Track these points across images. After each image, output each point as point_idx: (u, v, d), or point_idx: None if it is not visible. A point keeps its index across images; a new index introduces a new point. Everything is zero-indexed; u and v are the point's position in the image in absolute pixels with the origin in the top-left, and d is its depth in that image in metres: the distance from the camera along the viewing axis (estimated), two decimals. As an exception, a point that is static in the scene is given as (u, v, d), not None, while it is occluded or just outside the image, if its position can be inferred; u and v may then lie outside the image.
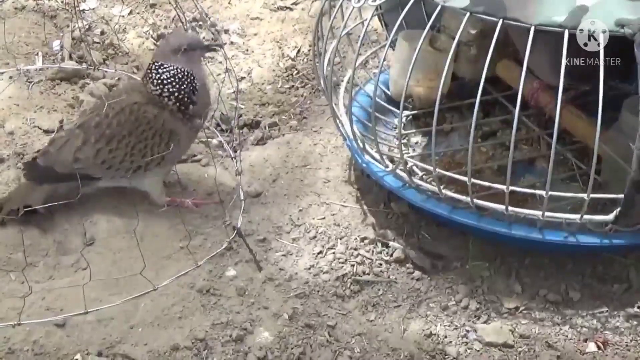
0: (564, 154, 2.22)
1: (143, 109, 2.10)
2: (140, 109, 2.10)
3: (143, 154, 2.09)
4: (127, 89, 2.22)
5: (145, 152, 2.10)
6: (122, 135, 2.09)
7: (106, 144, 2.09)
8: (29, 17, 2.96)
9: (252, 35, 2.98)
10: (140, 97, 2.13)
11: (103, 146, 2.09)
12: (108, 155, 2.09)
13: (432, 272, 2.07)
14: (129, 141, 2.09)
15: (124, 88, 2.25)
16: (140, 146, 2.09)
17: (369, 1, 1.96)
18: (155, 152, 2.10)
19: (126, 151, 2.09)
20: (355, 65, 2.06)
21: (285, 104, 2.69)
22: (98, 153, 2.09)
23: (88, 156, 2.09)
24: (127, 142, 2.09)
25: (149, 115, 2.10)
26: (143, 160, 2.10)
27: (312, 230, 2.14)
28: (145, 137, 2.10)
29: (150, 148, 2.10)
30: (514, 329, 1.94)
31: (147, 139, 2.10)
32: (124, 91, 2.19)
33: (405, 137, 2.35)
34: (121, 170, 2.11)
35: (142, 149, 2.09)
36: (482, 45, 2.19)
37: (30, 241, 2.08)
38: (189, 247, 2.04)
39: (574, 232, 1.94)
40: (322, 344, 1.88)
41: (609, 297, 2.02)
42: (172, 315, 1.91)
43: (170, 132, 2.11)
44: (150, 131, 2.10)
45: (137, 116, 2.10)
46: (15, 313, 1.88)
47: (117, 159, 2.10)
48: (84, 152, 2.09)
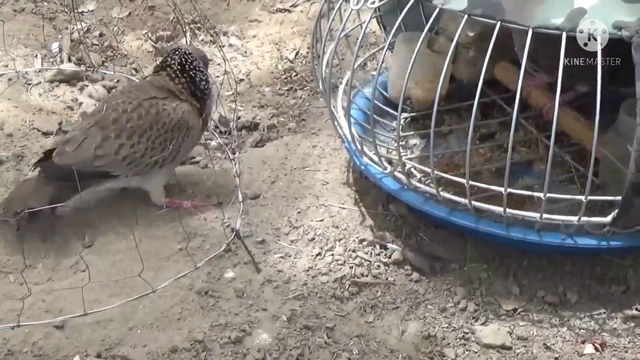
0: (561, 156, 2.22)
1: (162, 103, 2.13)
2: (159, 102, 2.13)
3: (162, 148, 2.11)
4: (138, 87, 2.23)
5: (165, 146, 2.11)
6: (144, 129, 2.10)
7: (127, 138, 2.09)
8: (28, 19, 2.97)
9: (250, 38, 2.99)
10: (157, 92, 2.15)
11: (125, 141, 2.09)
12: (130, 150, 2.09)
13: (430, 274, 2.08)
14: (150, 135, 2.10)
15: (136, 85, 2.26)
16: (160, 139, 2.11)
17: (368, 3, 1.96)
18: (175, 145, 2.12)
19: (147, 145, 2.10)
20: (354, 67, 2.07)
21: (284, 106, 2.69)
22: (120, 148, 2.09)
23: (109, 152, 2.09)
24: (149, 136, 2.10)
25: (168, 108, 2.12)
26: (162, 154, 2.11)
27: (310, 232, 2.14)
28: (165, 130, 2.12)
29: (169, 141, 2.11)
30: (512, 331, 1.95)
31: (167, 132, 2.12)
32: (136, 88, 2.21)
33: (404, 139, 2.35)
34: (140, 166, 2.11)
35: (162, 142, 2.11)
36: (481, 48, 2.19)
37: (30, 243, 2.08)
38: (187, 249, 2.04)
39: (572, 234, 1.95)
40: (320, 346, 1.88)
41: (606, 298, 2.03)
42: (171, 316, 1.92)
43: (188, 125, 2.14)
44: (170, 124, 2.12)
45: (157, 109, 2.12)
46: (15, 315, 1.88)
47: (138, 154, 2.10)
48: (105, 148, 2.09)
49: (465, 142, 2.00)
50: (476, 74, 1.90)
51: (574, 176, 2.19)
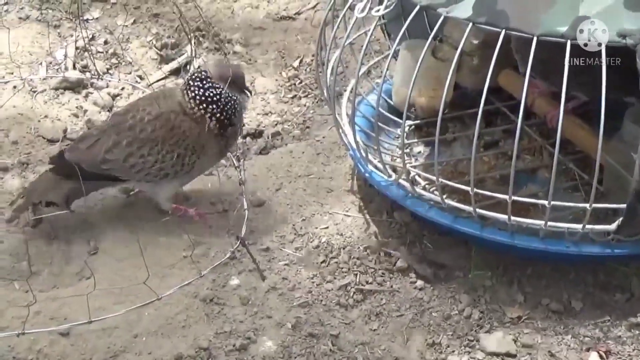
0: (566, 163, 2.22)
1: (180, 119, 2.10)
2: (177, 118, 2.10)
3: (173, 164, 2.09)
4: (165, 95, 2.19)
5: (175, 162, 2.09)
6: (155, 142, 2.08)
7: (138, 148, 2.08)
8: (33, 27, 2.97)
9: (255, 45, 2.99)
10: (178, 106, 2.11)
11: (134, 150, 2.08)
12: (138, 160, 2.08)
13: (434, 282, 2.07)
14: (160, 149, 2.08)
15: (162, 93, 2.24)
16: (171, 155, 2.09)
17: (372, 11, 1.97)
18: (186, 162, 2.10)
19: (157, 158, 2.09)
20: (358, 75, 2.07)
21: (288, 114, 2.70)
22: (128, 157, 2.09)
23: (118, 158, 2.09)
24: (159, 150, 2.08)
25: (184, 126, 2.09)
26: (173, 169, 2.10)
27: (315, 240, 2.14)
28: (177, 146, 2.09)
29: (181, 158, 2.09)
30: (517, 339, 1.95)
31: (179, 149, 2.09)
32: (163, 96, 2.17)
33: (408, 146, 2.35)
34: (149, 176, 2.11)
35: (173, 158, 2.09)
36: (485, 55, 2.20)
37: (35, 250, 2.08)
38: (192, 257, 2.04)
39: (577, 242, 1.94)
40: (325, 353, 1.88)
41: (611, 306, 2.03)
42: (175, 324, 1.92)
43: (203, 146, 2.10)
44: (184, 142, 2.09)
45: (172, 125, 2.09)
46: (20, 322, 1.88)
47: (147, 165, 2.09)
48: (114, 153, 2.09)
49: (469, 149, 2.00)
50: (480, 82, 1.91)
51: (578, 184, 2.19)
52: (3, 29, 2.79)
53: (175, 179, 2.14)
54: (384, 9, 1.96)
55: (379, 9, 1.96)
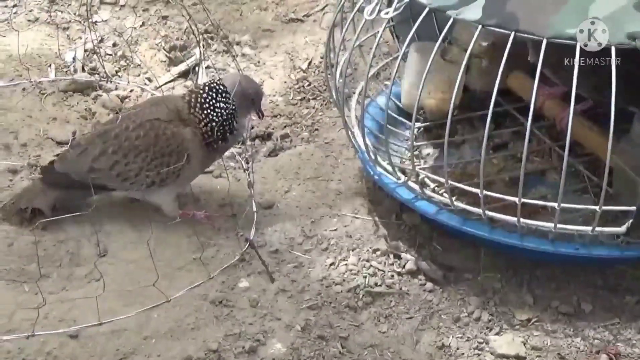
0: (575, 165, 2.22)
1: (164, 126, 2.09)
2: (161, 125, 2.09)
3: (158, 171, 2.09)
4: (153, 102, 2.21)
5: (160, 170, 2.09)
6: (139, 150, 2.08)
7: (123, 156, 2.08)
8: (42, 29, 2.98)
9: (263, 47, 2.99)
10: (165, 113, 2.11)
11: (120, 159, 2.08)
12: (124, 168, 2.09)
13: (444, 284, 2.07)
14: (145, 156, 2.08)
15: (152, 100, 2.24)
16: (156, 162, 2.08)
17: (381, 13, 1.97)
18: (171, 170, 2.09)
19: (142, 166, 2.08)
20: (367, 77, 2.07)
21: (297, 116, 2.70)
22: (114, 165, 2.09)
23: (104, 167, 2.09)
24: (144, 157, 2.08)
25: (168, 132, 2.09)
26: (158, 177, 2.09)
27: (324, 242, 2.14)
28: (162, 154, 2.08)
29: (166, 165, 2.08)
30: (526, 341, 1.95)
31: (163, 156, 2.08)
32: (150, 104, 2.19)
33: (417, 148, 2.35)
34: (136, 184, 2.11)
35: (158, 166, 2.08)
36: (494, 57, 2.20)
37: (44, 252, 2.08)
38: (201, 259, 2.04)
39: (586, 244, 1.94)
40: (334, 356, 1.88)
41: (621, 308, 2.02)
42: (185, 326, 1.92)
43: (188, 154, 2.09)
44: (168, 149, 2.08)
45: (156, 132, 2.08)
46: (29, 324, 1.88)
47: (132, 172, 2.09)
48: (101, 162, 2.09)
49: (478, 151, 2.00)
50: (489, 84, 1.90)
51: (587, 186, 2.19)
52: (12, 31, 2.80)
53: (165, 187, 2.13)
54: (393, 11, 1.97)
55: (388, 11, 1.97)
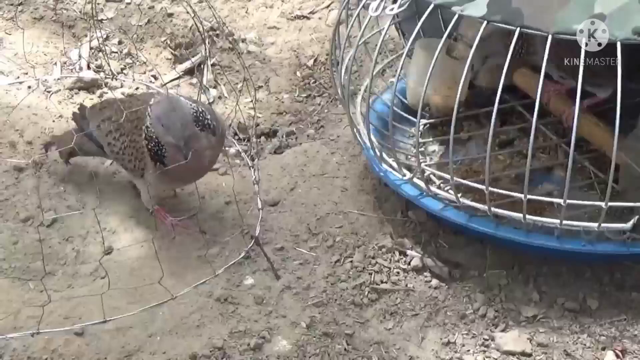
0: (581, 162, 2.21)
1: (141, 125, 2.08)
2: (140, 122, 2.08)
3: (129, 159, 2.11)
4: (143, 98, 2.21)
5: (130, 159, 2.11)
6: (122, 132, 2.11)
7: (115, 130, 2.13)
8: (48, 27, 2.98)
9: (269, 44, 2.99)
10: None
11: (112, 130, 2.13)
12: (111, 140, 2.13)
13: (449, 281, 2.07)
14: (124, 140, 2.11)
15: (143, 95, 2.26)
16: (129, 150, 2.10)
17: (387, 10, 1.96)
18: (136, 165, 2.10)
19: (120, 147, 2.12)
20: (373, 73, 2.07)
21: (303, 113, 2.70)
22: (108, 134, 2.14)
23: (102, 133, 2.15)
24: (123, 140, 2.11)
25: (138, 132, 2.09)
26: (129, 164, 2.12)
27: (329, 239, 2.14)
28: (131, 147, 2.10)
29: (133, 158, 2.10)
30: (532, 338, 1.94)
31: (131, 149, 2.10)
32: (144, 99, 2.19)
33: (423, 145, 2.35)
34: (119, 160, 2.16)
35: (130, 155, 2.10)
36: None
37: (49, 250, 2.09)
38: (207, 256, 2.04)
39: (592, 241, 1.94)
40: (340, 353, 1.88)
41: (627, 305, 2.02)
42: (190, 323, 1.92)
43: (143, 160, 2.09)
44: (137, 144, 2.08)
45: (136, 125, 2.09)
46: (34, 322, 1.89)
47: (116, 148, 2.13)
48: (104, 124, 2.15)
49: (484, 148, 1.99)
50: (495, 80, 1.90)
51: (593, 182, 2.18)
52: (18, 29, 2.81)
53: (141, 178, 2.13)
54: (398, 8, 1.96)
55: (393, 7, 1.96)
